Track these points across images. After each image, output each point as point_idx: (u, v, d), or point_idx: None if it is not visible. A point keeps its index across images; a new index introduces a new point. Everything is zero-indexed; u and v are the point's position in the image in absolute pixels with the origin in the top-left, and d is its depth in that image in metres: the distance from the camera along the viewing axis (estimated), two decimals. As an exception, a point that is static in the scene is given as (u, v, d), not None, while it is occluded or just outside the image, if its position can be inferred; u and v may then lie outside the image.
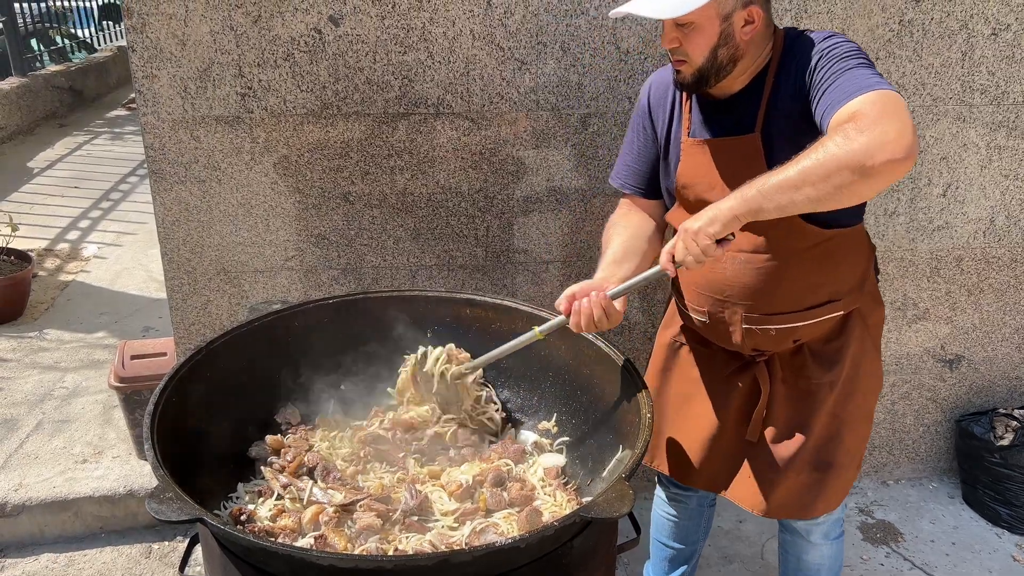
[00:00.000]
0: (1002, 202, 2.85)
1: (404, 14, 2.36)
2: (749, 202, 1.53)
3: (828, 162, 1.44)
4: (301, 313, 2.11)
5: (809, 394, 1.94)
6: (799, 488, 1.97)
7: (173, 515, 1.36)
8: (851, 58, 1.60)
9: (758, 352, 1.94)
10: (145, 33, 2.29)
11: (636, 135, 1.99)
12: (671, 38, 1.69)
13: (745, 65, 1.72)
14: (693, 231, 1.58)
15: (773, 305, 1.84)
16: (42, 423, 3.30)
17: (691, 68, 1.70)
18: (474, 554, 1.36)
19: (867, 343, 1.97)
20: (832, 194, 1.46)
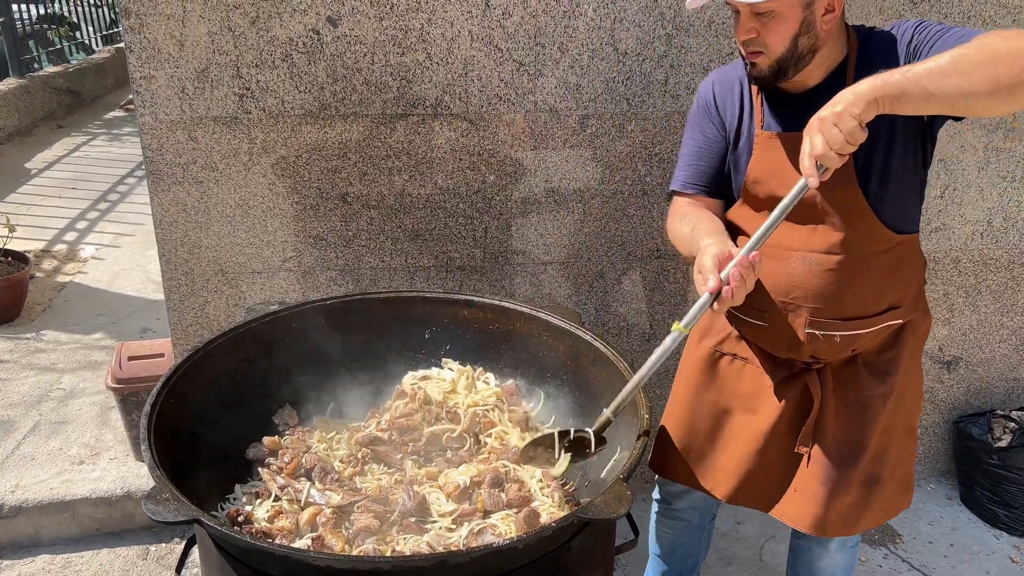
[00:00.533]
0: (999, 204, 2.85)
1: (402, 15, 2.36)
2: (892, 86, 1.41)
3: (986, 51, 1.39)
4: (299, 314, 2.11)
5: (861, 407, 1.89)
6: (849, 505, 1.92)
7: (170, 516, 1.36)
8: (946, 27, 1.58)
9: (814, 360, 1.88)
10: (143, 34, 2.28)
11: (699, 133, 1.90)
12: (748, 28, 1.63)
13: (823, 57, 1.67)
14: (835, 114, 1.44)
15: (840, 310, 1.79)
16: (39, 424, 3.29)
17: (769, 59, 1.65)
18: (472, 555, 1.35)
19: (915, 354, 1.94)
20: (982, 87, 1.38)
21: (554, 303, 2.74)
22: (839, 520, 1.93)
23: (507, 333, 2.17)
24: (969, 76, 1.39)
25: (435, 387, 2.12)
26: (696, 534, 2.38)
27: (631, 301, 2.83)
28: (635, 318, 2.86)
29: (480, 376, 2.18)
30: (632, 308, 2.84)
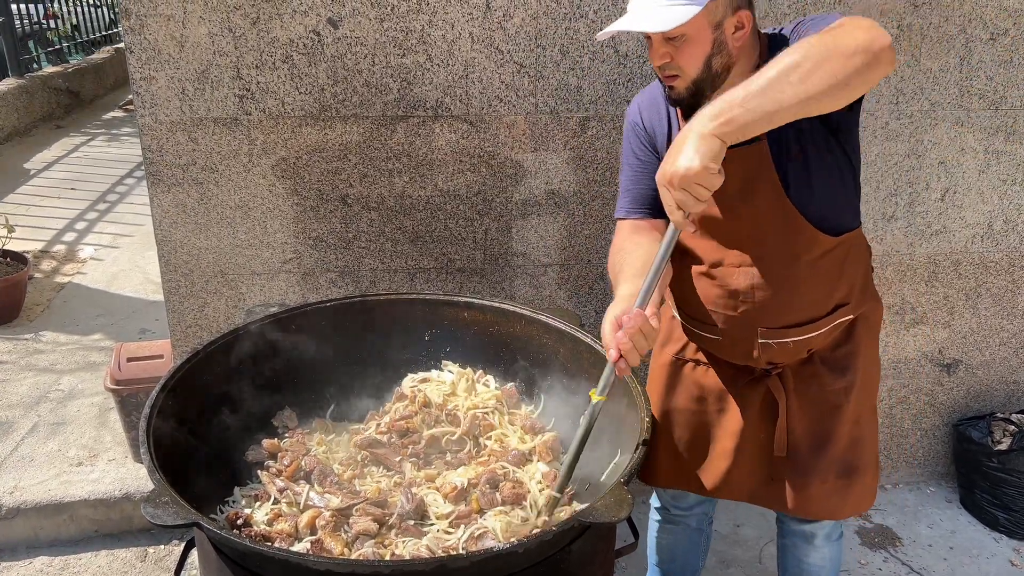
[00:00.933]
0: (1000, 207, 2.85)
1: (403, 16, 2.36)
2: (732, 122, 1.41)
3: (815, 52, 1.39)
4: (299, 316, 2.11)
5: (825, 402, 1.92)
6: (826, 493, 1.95)
7: (169, 519, 1.36)
8: (821, 18, 1.58)
9: (772, 365, 1.91)
10: (143, 34, 2.28)
11: (633, 157, 1.91)
12: (661, 53, 1.64)
13: (738, 72, 1.68)
14: (680, 177, 1.42)
15: (789, 318, 1.81)
16: (37, 426, 3.28)
17: (685, 82, 1.65)
18: (471, 559, 1.35)
19: (871, 342, 1.97)
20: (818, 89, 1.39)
21: (554, 305, 2.73)
22: (819, 506, 1.97)
23: (507, 335, 2.17)
24: (803, 83, 1.39)
25: (435, 389, 2.11)
26: (695, 537, 2.38)
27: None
28: (635, 320, 2.85)
29: (480, 379, 2.18)
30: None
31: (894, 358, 3.04)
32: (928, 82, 2.64)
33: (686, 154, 1.43)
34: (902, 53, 2.59)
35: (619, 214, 1.95)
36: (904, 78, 2.62)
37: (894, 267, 2.89)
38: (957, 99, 2.68)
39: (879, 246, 2.84)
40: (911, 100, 2.66)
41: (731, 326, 1.86)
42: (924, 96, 2.66)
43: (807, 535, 2.17)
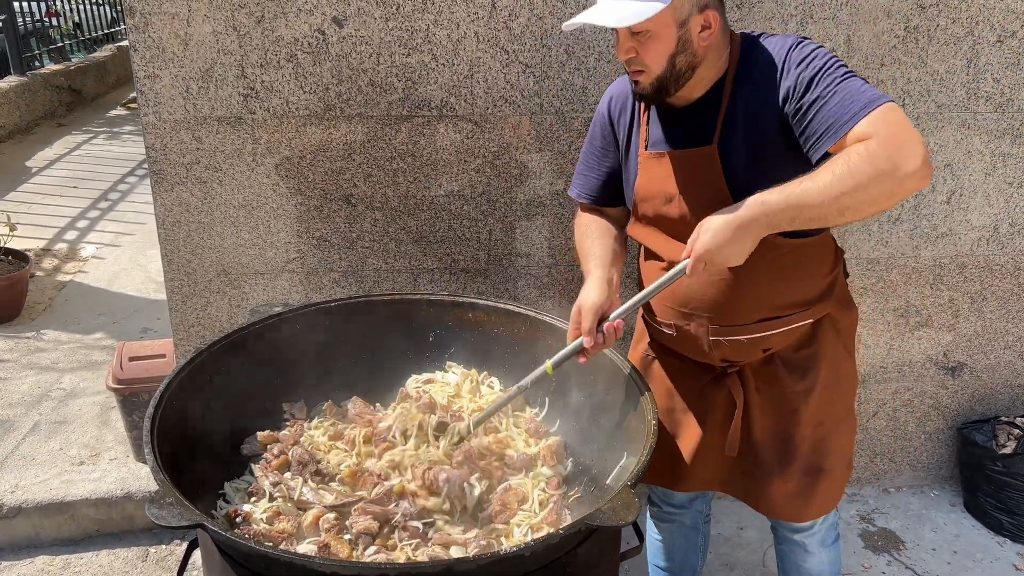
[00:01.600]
0: (1006, 210, 2.84)
1: (408, 16, 2.35)
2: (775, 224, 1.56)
3: (858, 173, 1.46)
4: (302, 316, 2.10)
5: (785, 403, 1.92)
6: (789, 494, 1.96)
7: (174, 520, 1.35)
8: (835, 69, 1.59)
9: (728, 363, 1.92)
10: (147, 33, 2.27)
11: (596, 144, 1.96)
12: (627, 48, 1.65)
13: (704, 72, 1.69)
14: (712, 258, 1.60)
15: (738, 316, 1.82)
16: (39, 424, 3.28)
17: (649, 78, 1.66)
18: (478, 563, 1.34)
19: (839, 348, 1.95)
20: (862, 204, 1.49)
21: (558, 307, 2.72)
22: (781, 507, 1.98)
23: (512, 337, 2.16)
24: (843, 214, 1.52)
25: (439, 391, 2.11)
26: (692, 535, 2.38)
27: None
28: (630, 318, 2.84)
29: (484, 380, 2.17)
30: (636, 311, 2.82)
31: (898, 361, 3.03)
32: (935, 84, 2.63)
33: (734, 249, 1.58)
34: (909, 55, 2.58)
35: (573, 193, 2.04)
36: (910, 80, 2.61)
37: (899, 270, 2.88)
38: (964, 101, 2.67)
39: (884, 249, 2.83)
40: (917, 102, 2.65)
41: (683, 323, 1.88)
42: (930, 98, 2.65)
43: (800, 543, 2.17)
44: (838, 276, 1.95)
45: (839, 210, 1.51)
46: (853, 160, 1.48)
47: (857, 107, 1.52)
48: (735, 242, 1.57)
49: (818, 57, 1.61)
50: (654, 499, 2.34)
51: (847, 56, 2.54)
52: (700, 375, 1.98)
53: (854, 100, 1.53)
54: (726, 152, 1.70)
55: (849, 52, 2.54)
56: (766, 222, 1.55)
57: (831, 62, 1.60)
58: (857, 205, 1.49)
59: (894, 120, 1.50)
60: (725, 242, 1.57)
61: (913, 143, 1.47)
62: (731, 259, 1.59)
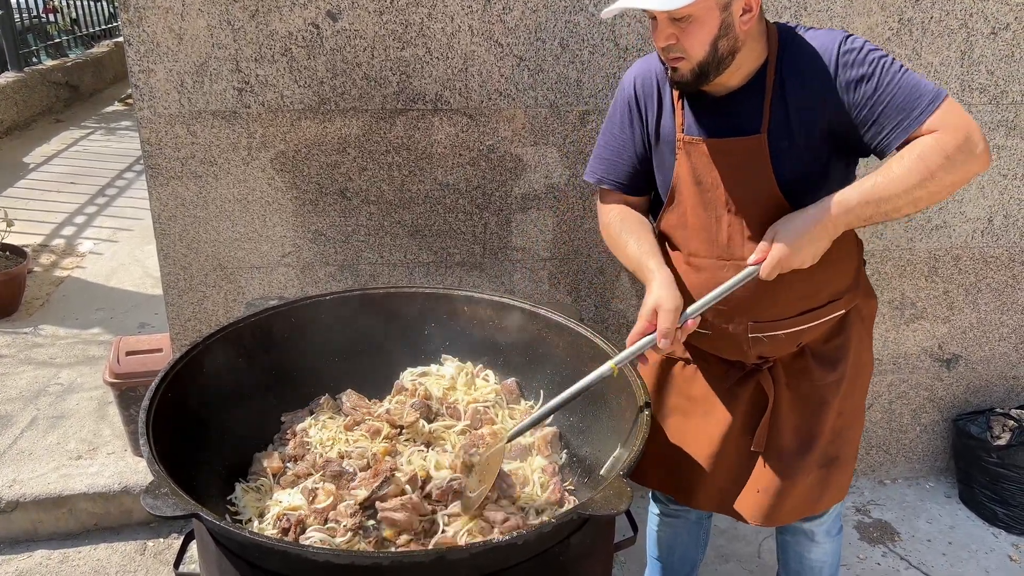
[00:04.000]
0: (1000, 202, 2.85)
1: (402, 9, 2.35)
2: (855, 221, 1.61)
3: (931, 164, 1.53)
4: (298, 310, 2.10)
5: (815, 396, 1.91)
6: (809, 488, 1.95)
7: (168, 511, 1.35)
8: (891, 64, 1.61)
9: (763, 360, 1.90)
10: (142, 27, 2.27)
11: (620, 128, 1.89)
12: (667, 35, 1.61)
13: (743, 58, 1.66)
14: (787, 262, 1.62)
15: (777, 312, 1.81)
16: (36, 419, 3.28)
17: (690, 64, 1.62)
18: (471, 551, 1.35)
19: (864, 337, 1.97)
20: (933, 194, 1.56)
21: (554, 299, 2.73)
22: (800, 505, 1.96)
23: (506, 329, 2.17)
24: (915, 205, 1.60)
25: (435, 383, 2.11)
26: (695, 531, 2.38)
27: (631, 298, 2.82)
28: (634, 314, 2.84)
29: (479, 373, 2.17)
30: (632, 305, 2.83)
31: (894, 353, 3.04)
32: (929, 76, 2.63)
33: (811, 251, 1.62)
34: (903, 47, 2.58)
35: (592, 178, 1.96)
36: (905, 72, 2.62)
37: (894, 262, 2.88)
38: (958, 93, 2.67)
39: (879, 241, 2.83)
40: (912, 94, 2.65)
41: (721, 320, 1.85)
42: (925, 90, 2.65)
43: (808, 532, 2.17)
44: (861, 264, 1.97)
45: (912, 201, 1.57)
46: (924, 151, 1.54)
47: (924, 102, 1.57)
48: (814, 243, 1.60)
49: (872, 52, 1.62)
50: (660, 496, 2.33)
51: (841, 48, 2.55)
52: (727, 375, 1.95)
53: (920, 95, 1.57)
54: (773, 141, 1.68)
55: (843, 44, 2.54)
56: (845, 221, 1.59)
57: (886, 58, 1.62)
58: (929, 195, 1.56)
59: (956, 112, 1.57)
60: (805, 244, 1.60)
61: (975, 131, 1.54)
62: (807, 261, 1.62)
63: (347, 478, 1.75)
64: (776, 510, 1.94)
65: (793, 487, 1.93)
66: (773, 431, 1.93)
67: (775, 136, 1.68)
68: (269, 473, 1.84)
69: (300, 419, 2.03)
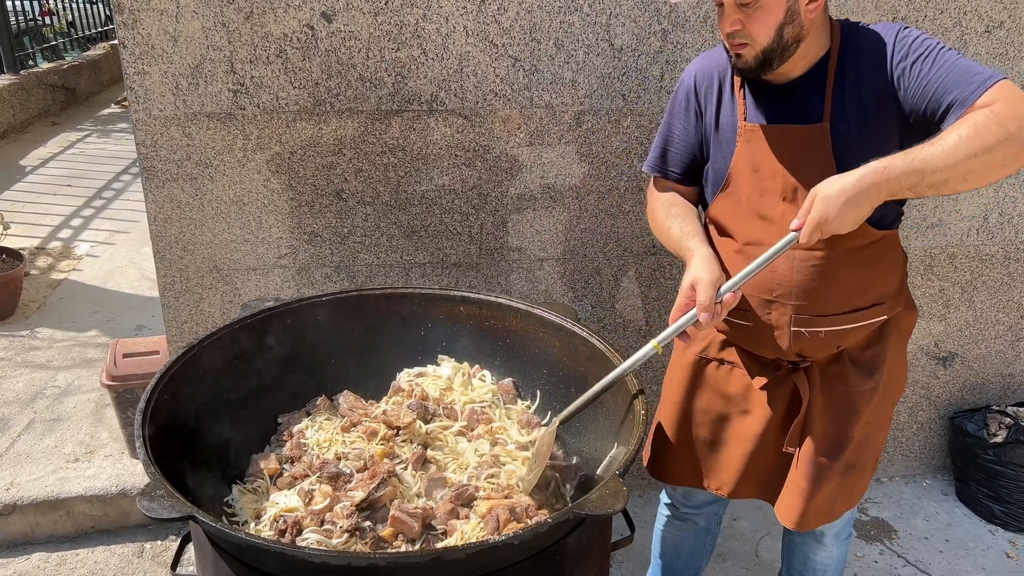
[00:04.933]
0: (995, 200, 2.85)
1: (397, 10, 2.35)
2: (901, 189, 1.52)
3: (986, 135, 1.46)
4: (294, 311, 2.10)
5: (848, 403, 1.90)
6: (829, 495, 1.95)
7: (164, 512, 1.35)
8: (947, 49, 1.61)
9: (800, 359, 1.89)
10: (136, 29, 2.27)
11: (680, 119, 1.91)
12: (733, 20, 1.63)
13: (807, 47, 1.67)
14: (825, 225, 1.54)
15: (824, 306, 1.79)
16: (33, 422, 3.28)
17: (755, 50, 1.64)
18: (467, 551, 1.35)
19: (901, 349, 1.96)
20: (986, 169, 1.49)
21: (550, 299, 2.73)
22: (822, 511, 1.96)
23: (503, 330, 2.17)
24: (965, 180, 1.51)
25: (431, 384, 2.11)
26: (702, 536, 2.37)
27: (627, 297, 2.83)
28: (631, 314, 2.86)
29: (476, 373, 2.17)
30: (628, 304, 2.84)
31: (890, 351, 3.04)
32: (923, 75, 2.64)
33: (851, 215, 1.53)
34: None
35: (650, 169, 1.99)
36: (899, 71, 2.62)
37: (890, 260, 2.89)
38: (952, 92, 2.67)
39: (875, 239, 2.84)
40: (906, 93, 2.65)
41: (764, 311, 1.83)
42: (919, 89, 2.65)
43: (816, 534, 2.16)
44: (905, 275, 1.96)
45: (962, 174, 1.49)
46: (980, 122, 1.47)
47: (981, 79, 1.54)
48: (853, 207, 1.53)
49: (928, 39, 1.63)
50: (672, 498, 2.33)
51: (836, 47, 2.55)
52: (763, 375, 1.94)
53: (976, 73, 1.55)
54: (835, 130, 1.69)
55: (838, 43, 2.55)
56: (887, 188, 1.52)
57: (941, 44, 1.62)
58: (981, 169, 1.48)
59: (1014, 90, 1.52)
60: (843, 207, 1.52)
61: None
62: (847, 226, 1.55)
63: (344, 479, 1.75)
64: (803, 515, 1.94)
65: (817, 492, 1.92)
66: (805, 434, 1.92)
67: (837, 125, 1.69)
68: (266, 474, 1.84)
69: (297, 420, 2.03)
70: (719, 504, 2.32)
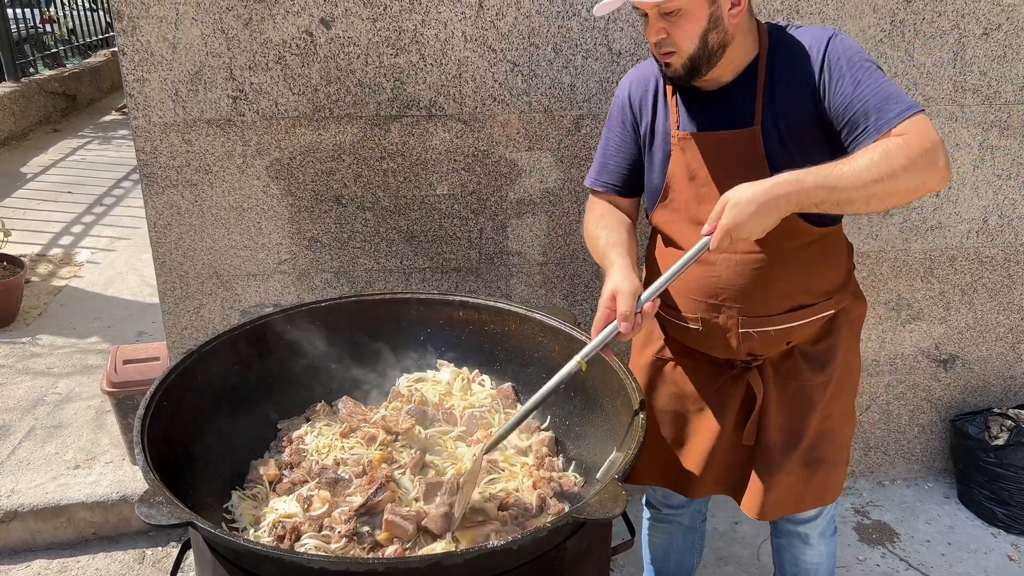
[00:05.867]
0: (995, 202, 2.85)
1: (396, 16, 2.35)
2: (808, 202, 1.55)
3: (894, 163, 1.52)
4: (294, 316, 2.10)
5: (803, 396, 1.93)
6: (790, 485, 1.97)
7: (163, 519, 1.35)
8: (876, 70, 1.63)
9: (752, 357, 1.92)
10: (135, 36, 2.28)
11: (614, 132, 1.95)
12: (657, 29, 1.66)
13: (734, 52, 1.69)
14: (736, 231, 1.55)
15: (769, 306, 1.82)
16: (34, 429, 3.28)
17: (682, 58, 1.66)
18: (466, 556, 1.35)
19: (852, 340, 1.98)
20: (889, 194, 1.54)
21: (549, 304, 2.73)
22: (783, 501, 1.98)
23: (502, 334, 2.17)
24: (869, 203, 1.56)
25: (431, 389, 2.11)
26: (689, 536, 2.38)
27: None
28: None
29: (475, 378, 2.17)
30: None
31: (891, 354, 3.04)
32: (922, 77, 2.64)
33: (759, 223, 1.54)
34: (895, 48, 2.59)
35: (590, 183, 2.01)
36: (897, 73, 2.62)
37: (890, 263, 2.89)
38: (951, 94, 2.68)
39: (875, 242, 2.84)
40: (905, 96, 2.66)
41: (711, 315, 1.86)
42: (918, 91, 2.66)
43: (801, 535, 2.18)
44: (852, 265, 1.98)
45: (867, 197, 1.54)
46: (891, 150, 1.53)
47: (900, 108, 1.58)
48: (763, 215, 1.54)
49: (856, 53, 1.65)
50: (652, 500, 2.34)
51: (834, 51, 2.56)
52: (717, 374, 1.97)
53: (897, 101, 1.59)
54: (766, 133, 1.71)
55: (836, 47, 2.55)
56: (796, 200, 1.54)
57: (870, 62, 1.64)
58: (883, 194, 1.54)
59: (928, 126, 1.58)
60: (753, 215, 1.54)
61: (940, 147, 1.55)
62: (756, 233, 1.57)
63: (342, 485, 1.75)
64: (763, 505, 1.97)
65: (777, 483, 1.95)
66: (761, 429, 1.95)
67: (768, 128, 1.71)
68: (265, 480, 1.84)
69: (296, 426, 2.03)
70: (700, 502, 2.33)
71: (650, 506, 2.37)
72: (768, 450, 1.95)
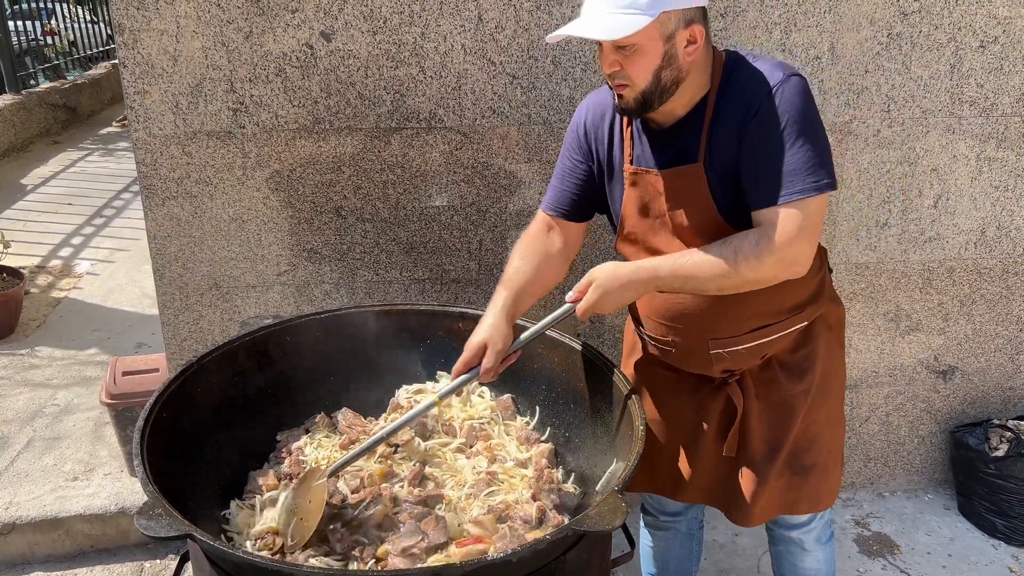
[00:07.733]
0: (992, 213, 2.86)
1: (396, 29, 2.37)
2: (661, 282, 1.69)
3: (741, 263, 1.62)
4: (293, 328, 2.11)
5: (783, 405, 1.92)
6: (779, 491, 1.97)
7: (162, 531, 1.35)
8: (791, 136, 1.60)
9: (728, 372, 1.92)
10: (136, 49, 2.29)
11: (567, 157, 1.94)
12: (611, 61, 1.63)
13: (688, 88, 1.67)
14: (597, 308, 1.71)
15: (735, 327, 1.82)
16: (33, 440, 3.27)
17: (634, 92, 1.64)
18: (465, 569, 1.35)
19: (833, 345, 1.97)
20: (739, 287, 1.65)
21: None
22: (772, 505, 1.98)
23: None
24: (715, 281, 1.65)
25: (430, 400, 2.11)
26: (686, 543, 2.38)
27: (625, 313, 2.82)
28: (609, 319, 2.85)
29: (475, 390, 2.17)
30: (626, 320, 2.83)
31: (890, 365, 3.04)
32: (919, 90, 2.66)
33: (617, 302, 1.71)
34: (892, 61, 2.60)
35: (542, 206, 2.03)
36: (895, 86, 2.64)
37: (888, 274, 2.89)
38: (948, 106, 2.69)
39: (873, 254, 2.84)
40: (902, 107, 2.67)
41: (681, 339, 1.88)
42: (915, 103, 2.67)
43: (797, 541, 2.18)
44: (825, 275, 1.97)
45: (719, 288, 1.66)
46: (743, 247, 1.61)
47: (794, 187, 1.59)
48: (621, 297, 1.70)
49: (791, 112, 1.60)
50: (649, 508, 2.35)
51: (831, 63, 2.57)
52: (698, 387, 1.97)
53: (795, 179, 1.59)
54: (710, 170, 1.70)
55: (833, 59, 2.57)
56: (655, 285, 1.69)
57: (800, 123, 1.60)
58: (733, 287, 1.65)
59: (792, 222, 1.59)
60: (611, 296, 1.69)
61: (801, 244, 1.59)
62: (611, 310, 1.72)
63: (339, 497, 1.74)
64: (748, 511, 1.96)
65: (764, 490, 1.94)
66: (743, 439, 1.95)
67: (711, 165, 1.70)
68: (264, 491, 1.84)
69: (296, 437, 2.03)
70: (696, 509, 2.34)
71: (647, 513, 2.37)
72: (751, 460, 1.94)
